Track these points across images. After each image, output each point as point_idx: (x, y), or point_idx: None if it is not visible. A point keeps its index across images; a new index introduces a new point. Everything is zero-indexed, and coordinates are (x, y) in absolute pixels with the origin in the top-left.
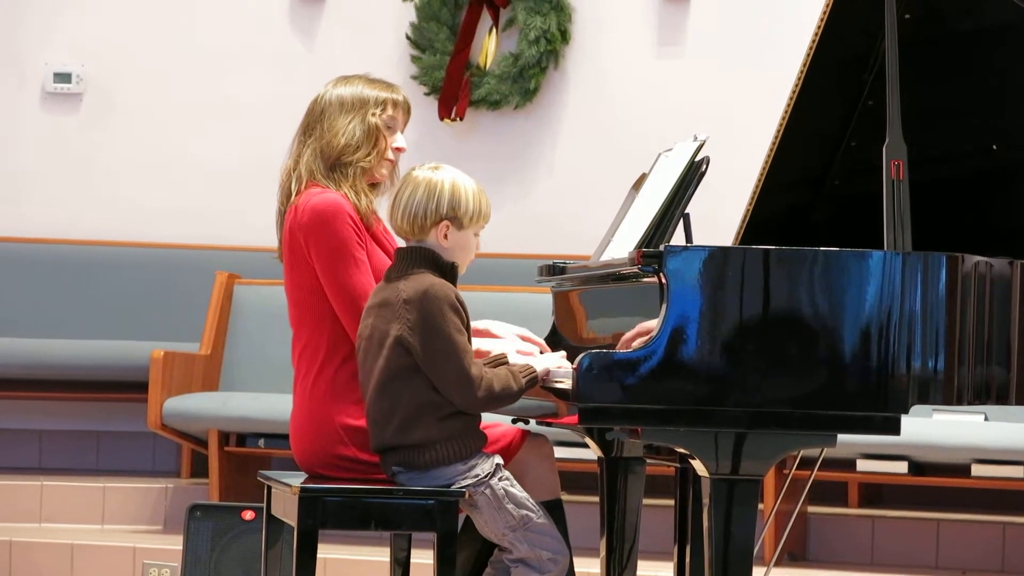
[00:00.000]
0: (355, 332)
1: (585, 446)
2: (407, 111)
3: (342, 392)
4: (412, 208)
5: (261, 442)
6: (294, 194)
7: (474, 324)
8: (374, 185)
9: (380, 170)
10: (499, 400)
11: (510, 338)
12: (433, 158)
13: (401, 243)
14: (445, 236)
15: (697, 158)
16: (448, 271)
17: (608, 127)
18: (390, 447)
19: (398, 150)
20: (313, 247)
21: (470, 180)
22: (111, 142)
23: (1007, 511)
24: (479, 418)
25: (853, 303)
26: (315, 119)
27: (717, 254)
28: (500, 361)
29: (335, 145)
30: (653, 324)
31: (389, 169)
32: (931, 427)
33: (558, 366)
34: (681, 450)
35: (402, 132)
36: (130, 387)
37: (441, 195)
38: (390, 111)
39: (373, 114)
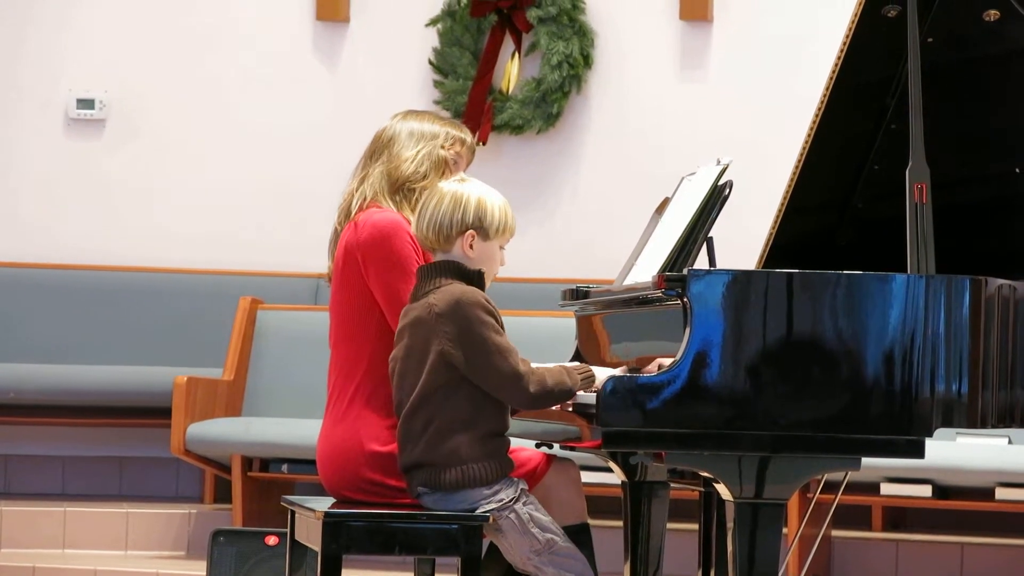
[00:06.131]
0: None
1: (609, 470)
2: (471, 153)
3: (373, 417)
4: (438, 218)
5: (284, 467)
6: (354, 213)
7: None
8: None
9: None
10: (553, 395)
11: None
12: None
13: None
14: (471, 246)
15: (720, 182)
16: (475, 279)
17: (631, 151)
18: (417, 464)
19: None
20: (371, 262)
21: (497, 194)
22: (134, 168)
23: None
24: (508, 444)
25: (876, 326)
26: (382, 145)
27: (740, 278)
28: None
29: (404, 171)
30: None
31: None
32: (955, 451)
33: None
34: (705, 474)
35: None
36: (153, 412)
37: (467, 205)
38: (458, 148)
39: (443, 147)
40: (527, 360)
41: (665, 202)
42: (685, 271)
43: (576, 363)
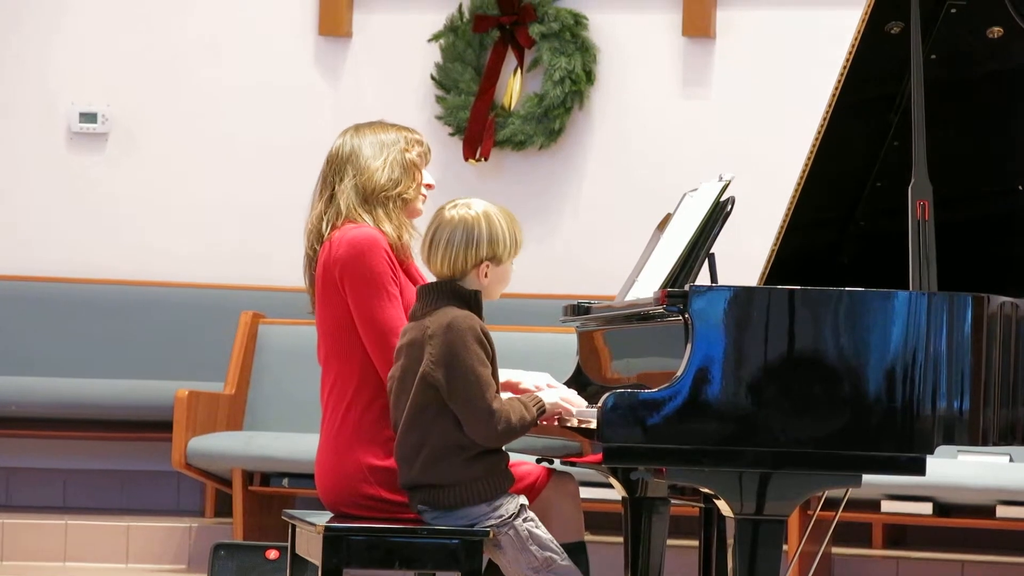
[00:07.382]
0: (383, 365)
1: (609, 486)
2: (429, 153)
3: (369, 431)
4: (452, 253)
5: (285, 481)
6: (326, 235)
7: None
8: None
9: (418, 204)
10: (515, 432)
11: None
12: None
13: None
14: (485, 275)
15: (722, 198)
16: (472, 301)
17: (633, 167)
18: (415, 485)
19: (428, 187)
20: (347, 279)
21: (501, 212)
22: (136, 182)
23: None
24: (507, 458)
25: (878, 343)
26: (343, 162)
27: (742, 294)
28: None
29: (377, 180)
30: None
31: (422, 203)
32: (956, 468)
33: (567, 400)
34: (706, 490)
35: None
36: (154, 426)
37: (480, 237)
38: (418, 149)
39: (407, 151)
40: (499, 397)
41: (667, 218)
42: (687, 287)
43: (527, 395)
